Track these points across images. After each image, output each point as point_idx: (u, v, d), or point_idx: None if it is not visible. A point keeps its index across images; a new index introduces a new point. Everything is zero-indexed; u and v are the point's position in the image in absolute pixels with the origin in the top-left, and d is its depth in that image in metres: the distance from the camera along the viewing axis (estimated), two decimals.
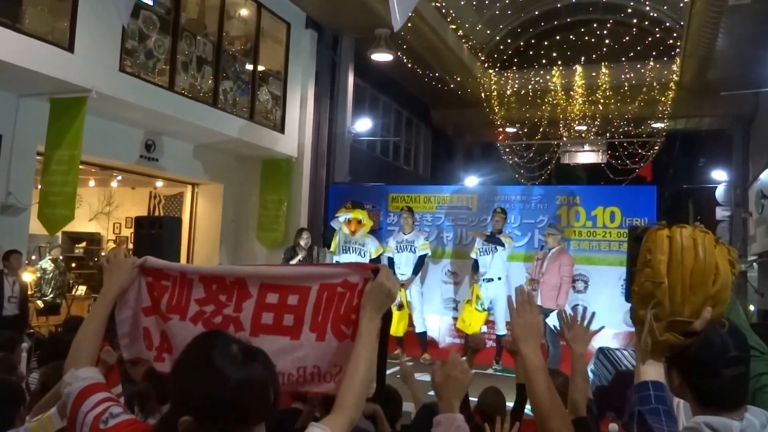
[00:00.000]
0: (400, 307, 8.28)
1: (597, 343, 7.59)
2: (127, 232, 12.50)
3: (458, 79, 15.25)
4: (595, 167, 18.50)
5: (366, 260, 8.66)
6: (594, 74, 15.91)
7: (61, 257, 10.41)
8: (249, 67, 10.46)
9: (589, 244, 8.73)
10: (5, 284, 7.39)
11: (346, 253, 8.67)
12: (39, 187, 7.92)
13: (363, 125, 13.21)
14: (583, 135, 18.07)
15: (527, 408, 4.64)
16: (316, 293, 1.83)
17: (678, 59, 14.62)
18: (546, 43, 17.25)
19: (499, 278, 8.03)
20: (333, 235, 8.82)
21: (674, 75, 15.15)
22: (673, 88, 15.49)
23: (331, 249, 8.86)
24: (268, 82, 10.87)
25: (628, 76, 15.77)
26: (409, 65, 13.67)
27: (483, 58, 16.21)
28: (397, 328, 8.28)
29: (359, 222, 8.65)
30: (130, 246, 11.39)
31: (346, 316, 1.77)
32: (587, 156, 18.31)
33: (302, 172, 11.30)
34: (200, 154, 10.54)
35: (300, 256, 8.66)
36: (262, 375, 1.30)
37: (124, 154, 9.21)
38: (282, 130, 10.99)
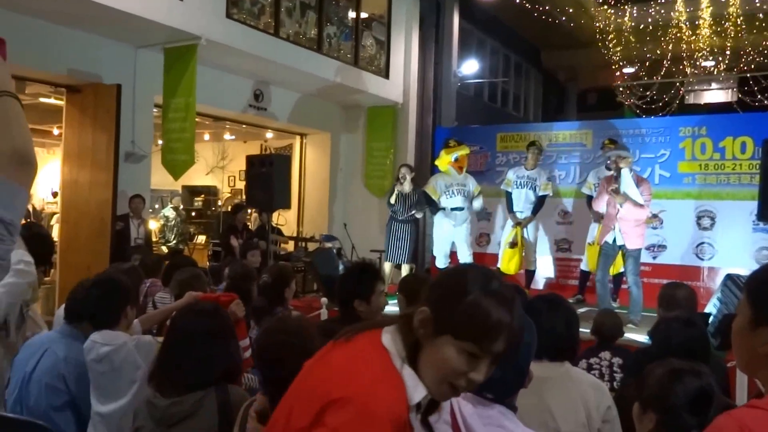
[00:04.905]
0: (514, 245, 8.01)
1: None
2: (241, 185, 12.91)
3: (570, 16, 14.47)
4: (725, 106, 17.12)
5: (468, 201, 8.36)
6: (723, 1, 14.58)
7: (181, 206, 10.92)
8: (352, 12, 10.37)
9: (716, 178, 8.10)
10: (131, 226, 7.86)
11: (449, 197, 8.20)
12: (159, 143, 8.28)
13: (469, 68, 12.84)
14: (711, 71, 16.73)
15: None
16: None
17: None
18: None
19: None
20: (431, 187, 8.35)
21: None
22: None
23: (435, 197, 8.35)
24: (371, 27, 10.75)
25: (763, 1, 14.36)
26: (517, 1, 13.09)
27: None
28: (508, 266, 8.06)
29: (467, 157, 8.43)
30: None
31: None
32: (715, 95, 16.91)
33: (408, 118, 11.17)
34: (307, 104, 10.63)
35: (396, 192, 8.23)
36: None
37: (234, 104, 9.44)
38: (387, 76, 10.88)
